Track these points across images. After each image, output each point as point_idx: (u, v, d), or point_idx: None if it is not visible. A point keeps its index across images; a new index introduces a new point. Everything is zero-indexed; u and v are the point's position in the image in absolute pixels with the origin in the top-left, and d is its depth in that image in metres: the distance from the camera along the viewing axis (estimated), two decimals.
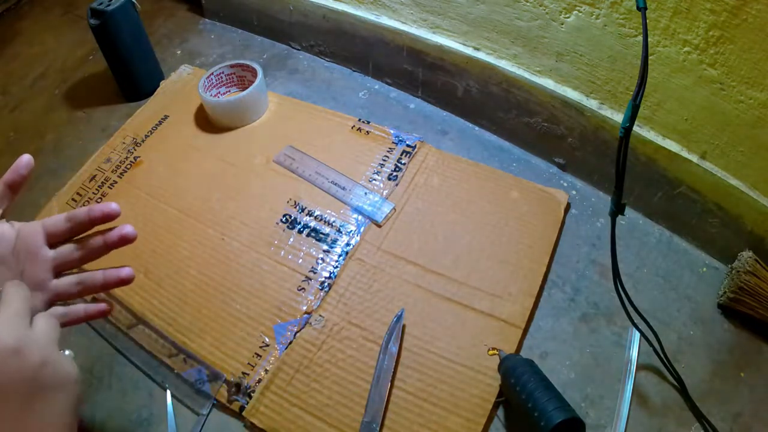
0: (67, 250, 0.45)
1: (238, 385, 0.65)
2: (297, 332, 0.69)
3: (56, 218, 0.46)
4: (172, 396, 0.66)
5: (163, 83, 1.04)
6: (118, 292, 0.74)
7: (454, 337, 0.67)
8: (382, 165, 0.85)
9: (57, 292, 0.44)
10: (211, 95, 0.94)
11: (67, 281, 0.44)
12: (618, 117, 0.73)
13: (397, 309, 0.69)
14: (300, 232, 0.78)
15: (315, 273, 0.74)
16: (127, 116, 0.99)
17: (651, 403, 0.62)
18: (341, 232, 0.78)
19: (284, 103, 0.97)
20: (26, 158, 0.45)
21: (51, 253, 0.45)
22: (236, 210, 0.81)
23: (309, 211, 0.80)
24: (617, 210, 0.55)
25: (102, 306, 0.45)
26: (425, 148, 0.87)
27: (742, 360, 0.65)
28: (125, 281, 0.46)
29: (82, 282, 0.45)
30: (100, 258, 0.47)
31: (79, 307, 0.45)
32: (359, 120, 0.92)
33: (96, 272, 0.45)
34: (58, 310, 0.44)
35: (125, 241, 0.45)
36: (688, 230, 0.76)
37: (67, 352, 0.39)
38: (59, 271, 0.45)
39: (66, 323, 0.44)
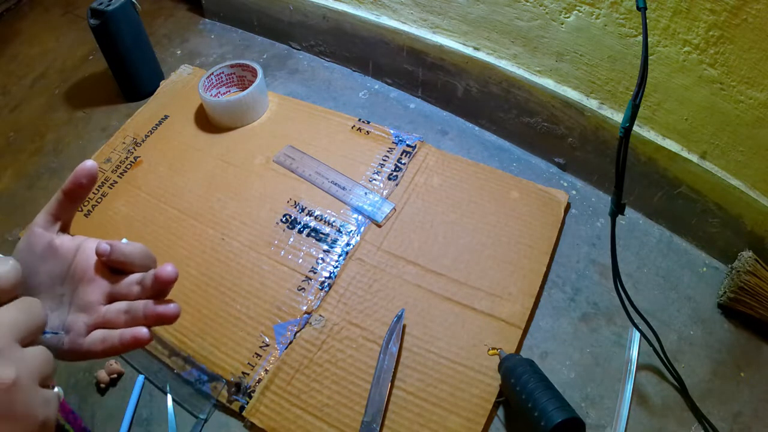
0: (126, 283, 0.40)
1: (238, 385, 0.65)
2: (297, 332, 0.69)
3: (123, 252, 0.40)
4: (172, 396, 0.66)
5: (163, 83, 1.04)
6: None
7: (454, 337, 0.67)
8: (382, 165, 0.85)
9: (105, 319, 0.38)
10: (211, 95, 0.94)
11: (116, 308, 0.39)
12: (618, 117, 0.73)
13: (397, 309, 0.69)
14: (300, 232, 0.78)
15: (315, 273, 0.74)
16: (127, 116, 0.99)
17: (651, 403, 0.62)
18: (341, 232, 0.78)
19: (284, 103, 0.97)
20: (89, 165, 0.38)
21: (108, 283, 0.40)
22: (236, 210, 0.81)
23: (309, 211, 0.80)
24: (617, 210, 0.55)
25: (136, 331, 0.37)
26: (425, 148, 0.87)
27: (742, 360, 0.65)
28: (166, 319, 0.38)
29: (129, 311, 0.39)
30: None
31: (115, 335, 0.38)
32: (359, 120, 0.92)
33: (138, 303, 0.39)
34: (97, 335, 0.38)
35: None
36: (688, 230, 0.76)
37: (56, 389, 0.32)
38: (112, 300, 0.39)
39: (103, 351, 0.38)
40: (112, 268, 0.40)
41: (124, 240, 0.40)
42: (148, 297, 0.39)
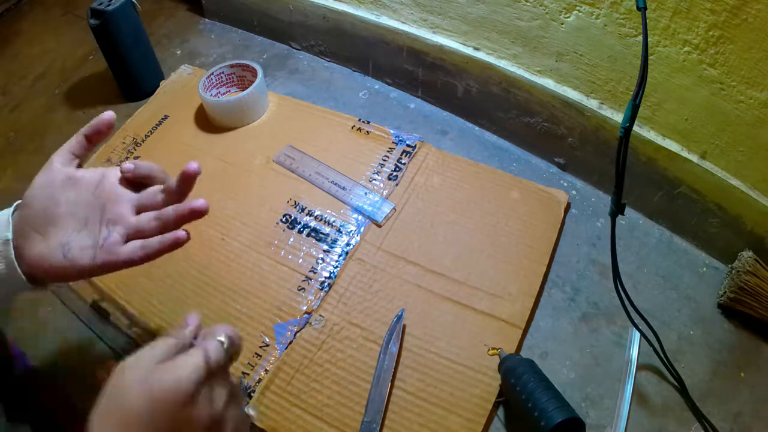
0: (151, 192, 0.47)
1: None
2: (297, 332, 0.69)
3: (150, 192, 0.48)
4: None
5: (163, 83, 1.04)
6: (118, 291, 0.74)
7: (454, 337, 0.67)
8: (382, 165, 0.85)
9: (137, 228, 0.44)
10: (211, 95, 0.94)
11: (146, 216, 0.45)
12: (618, 117, 0.73)
13: (397, 309, 0.69)
14: (300, 232, 0.78)
15: (315, 273, 0.74)
16: (127, 116, 0.99)
17: (651, 403, 0.62)
18: (341, 232, 0.78)
19: (284, 103, 0.97)
20: (108, 115, 0.46)
21: (134, 195, 0.46)
22: (236, 210, 0.81)
23: (309, 211, 0.80)
24: (617, 210, 0.55)
25: (176, 234, 0.44)
26: (425, 148, 0.87)
27: (742, 360, 0.65)
28: (197, 212, 0.45)
29: (159, 217, 0.45)
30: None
31: (154, 240, 0.44)
32: (359, 120, 0.92)
33: (168, 207, 0.46)
34: (135, 243, 0.43)
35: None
36: (688, 230, 0.76)
37: (251, 411, 0.38)
38: (140, 211, 0.46)
39: (143, 257, 0.44)
40: (135, 185, 0.47)
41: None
42: (173, 200, 0.46)
